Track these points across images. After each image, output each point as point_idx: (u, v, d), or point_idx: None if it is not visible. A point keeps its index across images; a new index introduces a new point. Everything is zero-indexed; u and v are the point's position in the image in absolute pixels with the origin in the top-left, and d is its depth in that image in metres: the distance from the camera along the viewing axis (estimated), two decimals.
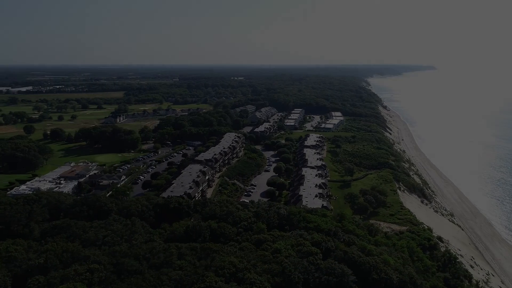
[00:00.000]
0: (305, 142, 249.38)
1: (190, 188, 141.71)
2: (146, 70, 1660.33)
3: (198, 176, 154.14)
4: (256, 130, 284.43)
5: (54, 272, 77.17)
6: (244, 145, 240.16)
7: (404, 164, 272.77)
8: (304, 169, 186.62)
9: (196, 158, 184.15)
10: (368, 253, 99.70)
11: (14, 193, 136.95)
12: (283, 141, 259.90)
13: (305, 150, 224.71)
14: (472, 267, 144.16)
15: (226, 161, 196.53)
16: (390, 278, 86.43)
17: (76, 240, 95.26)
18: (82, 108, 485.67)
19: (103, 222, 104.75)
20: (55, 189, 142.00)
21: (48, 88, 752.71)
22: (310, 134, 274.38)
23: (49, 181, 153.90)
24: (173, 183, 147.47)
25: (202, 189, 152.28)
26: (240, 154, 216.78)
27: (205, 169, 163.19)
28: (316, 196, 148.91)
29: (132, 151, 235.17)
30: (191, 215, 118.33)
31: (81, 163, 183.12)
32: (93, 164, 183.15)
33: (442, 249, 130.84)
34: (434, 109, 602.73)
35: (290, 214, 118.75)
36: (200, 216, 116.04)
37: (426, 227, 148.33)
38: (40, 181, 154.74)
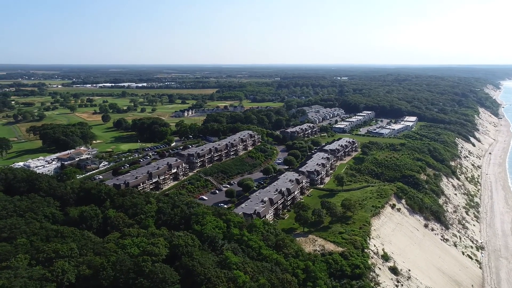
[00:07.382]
0: (326, 146, 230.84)
1: (136, 178, 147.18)
2: (260, 70, 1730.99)
3: (158, 168, 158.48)
4: (287, 130, 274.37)
5: None
6: (258, 143, 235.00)
7: (450, 180, 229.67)
8: (286, 173, 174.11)
9: (181, 152, 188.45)
10: (227, 266, 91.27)
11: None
12: (307, 143, 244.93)
13: (315, 154, 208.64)
14: None
15: (217, 158, 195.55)
16: None
17: None
18: (169, 102, 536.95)
19: (19, 198, 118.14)
20: (40, 168, 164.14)
21: (159, 84, 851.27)
22: (342, 139, 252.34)
23: (45, 161, 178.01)
24: (129, 172, 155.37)
25: (158, 181, 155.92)
26: (242, 152, 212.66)
27: (173, 163, 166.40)
28: (262, 201, 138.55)
29: (147, 141, 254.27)
30: (104, 202, 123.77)
31: (84, 148, 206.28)
32: (93, 149, 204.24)
33: (376, 280, 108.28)
34: None
35: (192, 214, 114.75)
36: (110, 204, 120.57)
37: (380, 252, 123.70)
38: (39, 160, 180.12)
